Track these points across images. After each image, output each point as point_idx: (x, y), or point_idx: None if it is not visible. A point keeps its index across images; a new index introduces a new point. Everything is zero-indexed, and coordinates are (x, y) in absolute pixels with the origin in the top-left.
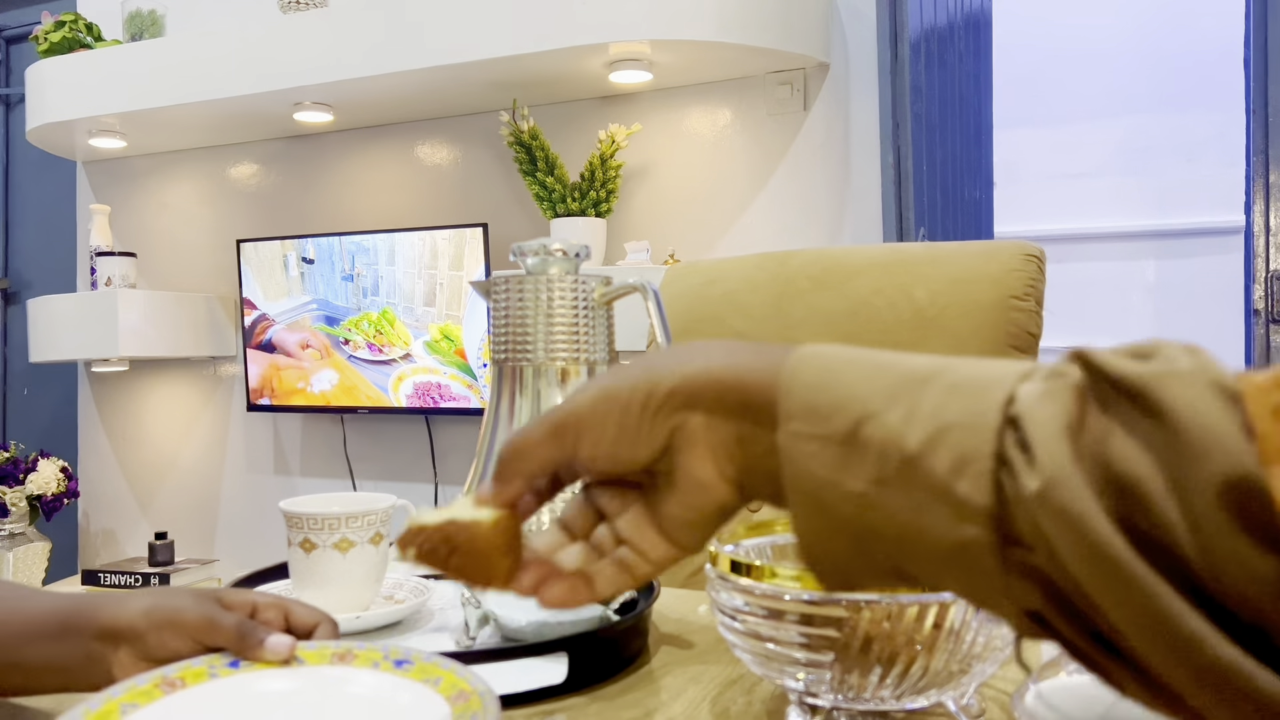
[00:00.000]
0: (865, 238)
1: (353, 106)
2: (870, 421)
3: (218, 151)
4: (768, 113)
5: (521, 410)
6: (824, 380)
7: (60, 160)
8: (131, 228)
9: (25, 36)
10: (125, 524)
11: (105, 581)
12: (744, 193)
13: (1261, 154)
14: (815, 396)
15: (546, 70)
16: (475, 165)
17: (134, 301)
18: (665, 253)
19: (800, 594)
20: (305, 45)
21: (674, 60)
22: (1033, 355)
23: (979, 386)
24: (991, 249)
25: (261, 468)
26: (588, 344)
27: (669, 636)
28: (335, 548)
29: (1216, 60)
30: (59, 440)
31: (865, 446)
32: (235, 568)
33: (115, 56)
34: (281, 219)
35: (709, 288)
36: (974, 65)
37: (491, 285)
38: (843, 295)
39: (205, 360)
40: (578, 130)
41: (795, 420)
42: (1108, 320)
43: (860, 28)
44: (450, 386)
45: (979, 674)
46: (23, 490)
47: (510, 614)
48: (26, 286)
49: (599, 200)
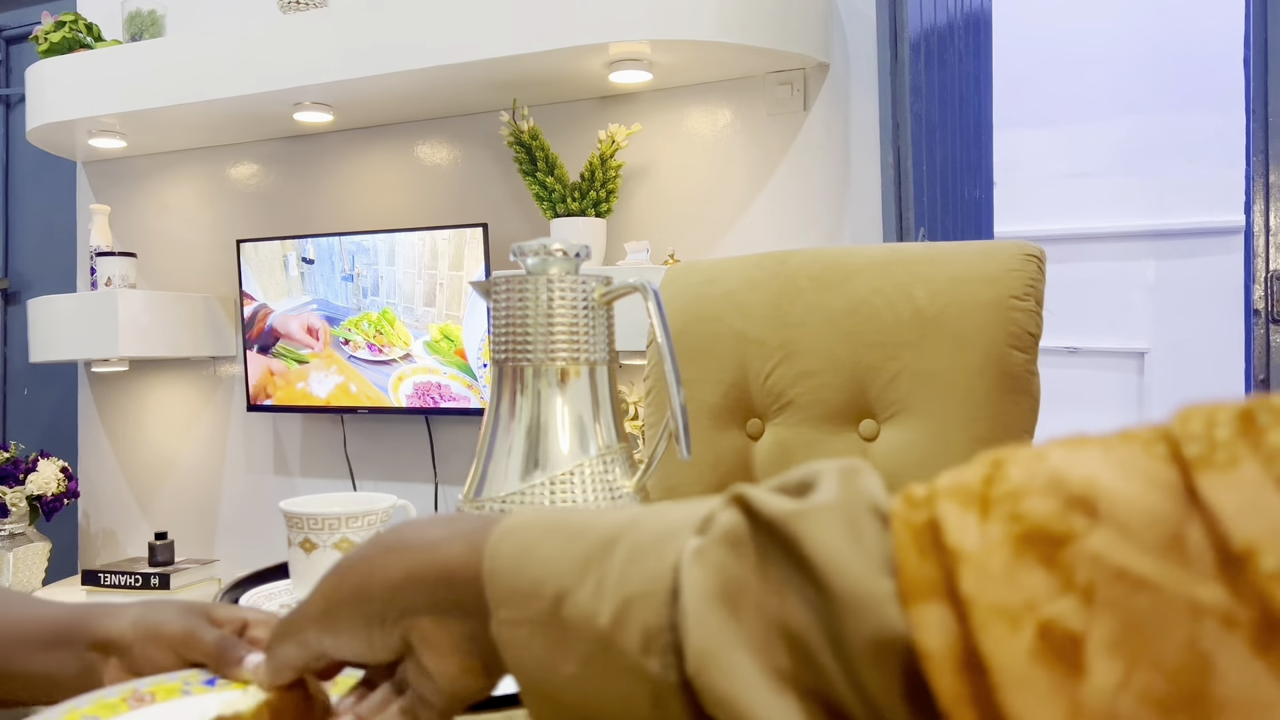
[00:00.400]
0: (865, 237)
1: (353, 106)
2: (567, 600)
3: (218, 151)
4: (767, 113)
5: (522, 410)
6: (522, 560)
7: (60, 160)
8: (131, 228)
9: (25, 36)
10: (125, 524)
11: (105, 582)
12: (744, 193)
13: (1261, 154)
14: (515, 579)
15: (546, 70)
16: (475, 165)
17: (134, 301)
18: (665, 253)
19: None
20: (305, 45)
21: (674, 60)
22: (1033, 355)
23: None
24: (991, 249)
25: (262, 468)
26: (588, 344)
27: None
28: (335, 548)
29: (1216, 61)
30: (59, 440)
31: (566, 627)
32: (235, 568)
33: (115, 56)
34: (281, 219)
35: (709, 287)
36: (974, 65)
37: (491, 285)
38: (842, 295)
39: (205, 360)
40: (578, 130)
41: (502, 608)
42: (1108, 320)
43: (860, 28)
44: (450, 387)
45: None
46: (23, 490)
47: None
48: (26, 286)
49: (599, 200)
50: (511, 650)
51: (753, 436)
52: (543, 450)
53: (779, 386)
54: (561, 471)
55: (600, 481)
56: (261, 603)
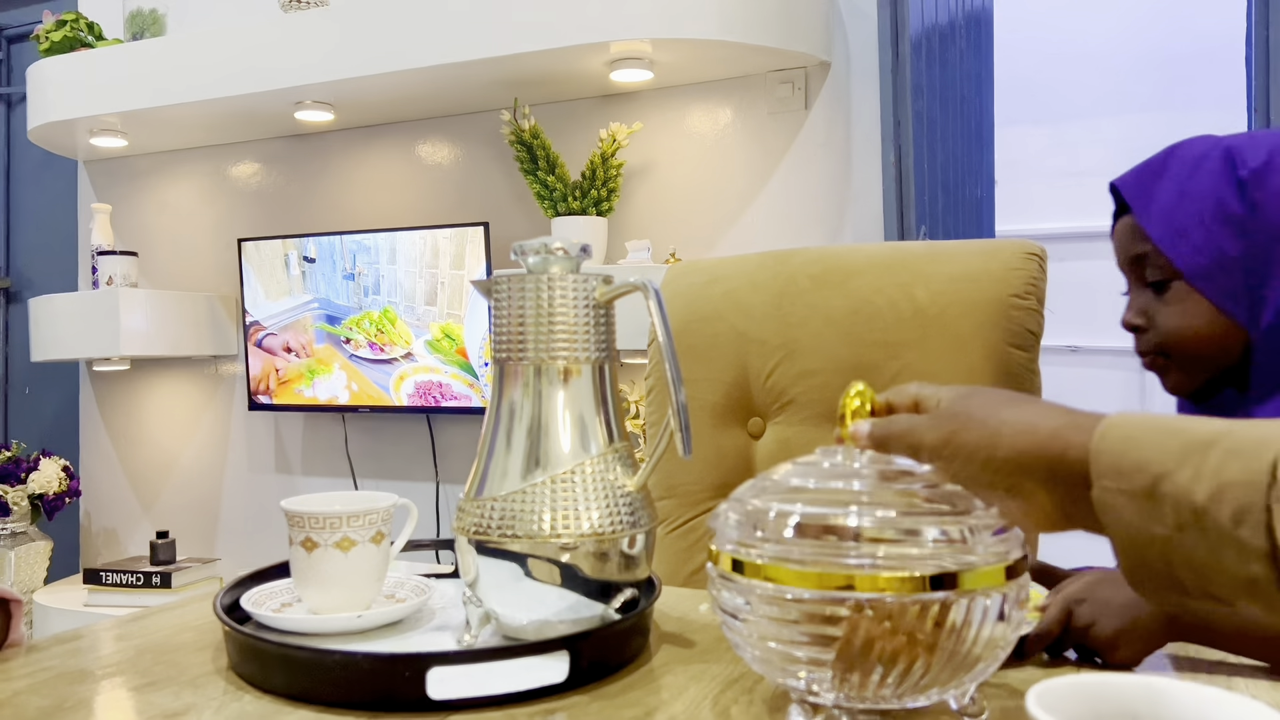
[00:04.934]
0: (866, 236)
1: (354, 105)
2: (1165, 480)
3: (219, 150)
4: (769, 111)
5: (523, 409)
6: (1125, 446)
7: (61, 159)
8: (133, 227)
9: (26, 36)
10: (127, 523)
11: (107, 580)
12: (745, 191)
13: None
14: (1119, 460)
15: (547, 69)
16: (476, 164)
17: (135, 301)
18: (666, 251)
19: (801, 593)
20: (306, 44)
21: (675, 59)
22: (1034, 354)
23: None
24: (993, 247)
25: (263, 467)
26: (588, 343)
27: (670, 635)
28: (337, 546)
29: (1217, 60)
30: (60, 439)
31: (1162, 500)
32: (237, 567)
33: (116, 56)
34: (283, 218)
35: (710, 286)
36: (975, 64)
37: (493, 284)
38: (844, 294)
39: (206, 359)
40: (579, 129)
41: (1105, 478)
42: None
43: (861, 26)
44: (451, 385)
45: (980, 673)
46: (24, 489)
47: (512, 613)
48: (28, 286)
49: (600, 199)
50: (1109, 512)
51: (754, 435)
52: (544, 449)
53: (780, 385)
54: (562, 470)
55: (601, 480)
56: (263, 601)
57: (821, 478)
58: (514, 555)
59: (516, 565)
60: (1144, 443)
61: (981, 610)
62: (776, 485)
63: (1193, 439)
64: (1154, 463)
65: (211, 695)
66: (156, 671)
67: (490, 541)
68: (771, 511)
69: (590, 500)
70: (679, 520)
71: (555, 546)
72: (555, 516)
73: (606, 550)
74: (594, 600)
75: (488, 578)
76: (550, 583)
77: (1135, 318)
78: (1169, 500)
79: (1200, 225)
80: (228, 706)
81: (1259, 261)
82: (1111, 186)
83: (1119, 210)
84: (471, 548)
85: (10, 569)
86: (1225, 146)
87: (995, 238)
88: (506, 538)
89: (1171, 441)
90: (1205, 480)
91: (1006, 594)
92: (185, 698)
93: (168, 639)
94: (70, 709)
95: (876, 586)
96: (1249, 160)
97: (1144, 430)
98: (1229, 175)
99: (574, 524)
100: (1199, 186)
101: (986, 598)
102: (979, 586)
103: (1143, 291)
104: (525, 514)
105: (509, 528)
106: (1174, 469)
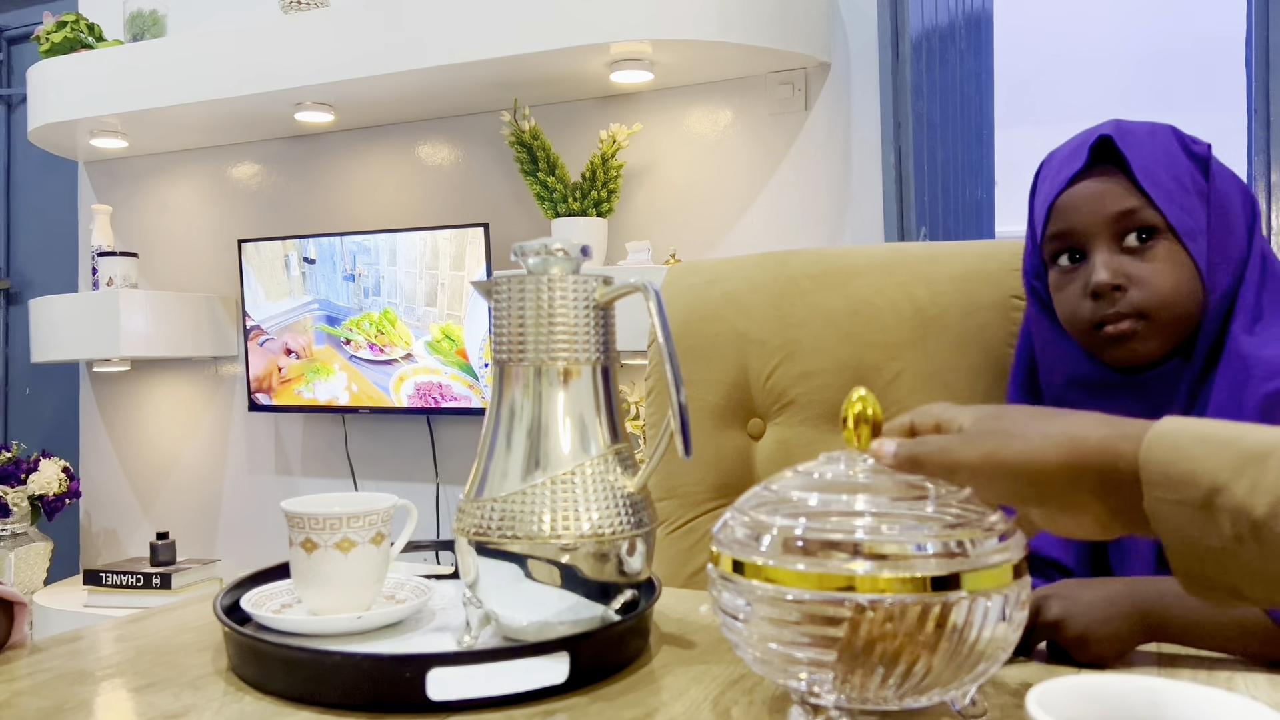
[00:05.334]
0: (866, 237)
1: (354, 106)
2: (1222, 493)
3: (219, 151)
4: (769, 112)
5: (523, 410)
6: (1174, 456)
7: (62, 160)
8: (133, 228)
9: (27, 37)
10: (127, 524)
11: (107, 581)
12: (745, 192)
13: (1262, 154)
14: (1169, 469)
15: (547, 70)
16: (476, 165)
17: (135, 301)
18: (666, 252)
19: (802, 594)
20: (306, 45)
21: (675, 60)
22: None
23: None
24: (993, 248)
25: (263, 468)
26: (588, 344)
27: (670, 636)
28: (337, 547)
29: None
30: (61, 440)
31: (1219, 512)
32: (237, 567)
33: (117, 57)
34: (283, 219)
35: (710, 287)
36: (975, 64)
37: (493, 285)
38: (844, 295)
39: (207, 360)
40: (579, 130)
41: (1156, 488)
42: None
43: (861, 27)
44: (452, 386)
45: (981, 674)
46: (24, 490)
47: (512, 613)
48: (28, 287)
49: (600, 200)
50: (1162, 521)
51: (754, 436)
52: (544, 450)
53: (780, 386)
54: (563, 471)
55: (601, 481)
56: (263, 602)
57: (824, 490)
58: (514, 556)
59: (516, 566)
60: (1194, 453)
61: (983, 611)
62: (778, 497)
63: (1247, 450)
64: (1208, 474)
65: (211, 696)
66: (156, 673)
67: (490, 542)
68: (774, 528)
69: (590, 501)
70: (679, 521)
71: (555, 547)
72: (555, 517)
73: (606, 551)
74: (594, 601)
75: (488, 579)
76: (550, 584)
77: (1115, 277)
78: (1226, 513)
79: (1181, 187)
80: (228, 708)
81: (1217, 236)
82: (1089, 146)
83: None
84: (471, 549)
85: (10, 570)
86: (1169, 127)
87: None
88: (506, 539)
89: (1225, 451)
90: (1263, 494)
91: (1008, 595)
92: (185, 699)
93: (168, 640)
94: (70, 710)
95: (877, 587)
96: (1191, 144)
97: (1193, 439)
98: (1186, 150)
99: (574, 525)
100: (1170, 154)
101: (988, 599)
102: (981, 587)
103: (1115, 254)
104: (525, 515)
105: (509, 529)
106: (1229, 481)
